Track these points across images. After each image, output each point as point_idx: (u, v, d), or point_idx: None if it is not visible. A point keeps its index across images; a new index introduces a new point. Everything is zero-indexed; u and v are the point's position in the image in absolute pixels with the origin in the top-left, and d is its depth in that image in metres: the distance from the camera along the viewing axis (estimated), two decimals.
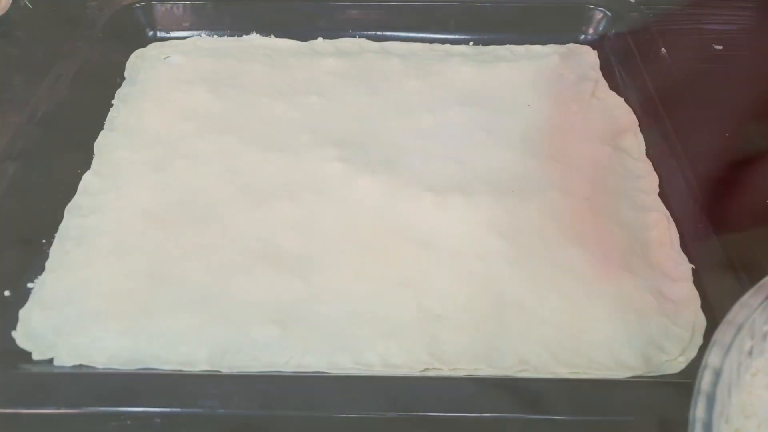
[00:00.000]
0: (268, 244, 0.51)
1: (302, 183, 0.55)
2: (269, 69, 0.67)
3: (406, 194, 0.54)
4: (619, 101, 0.65)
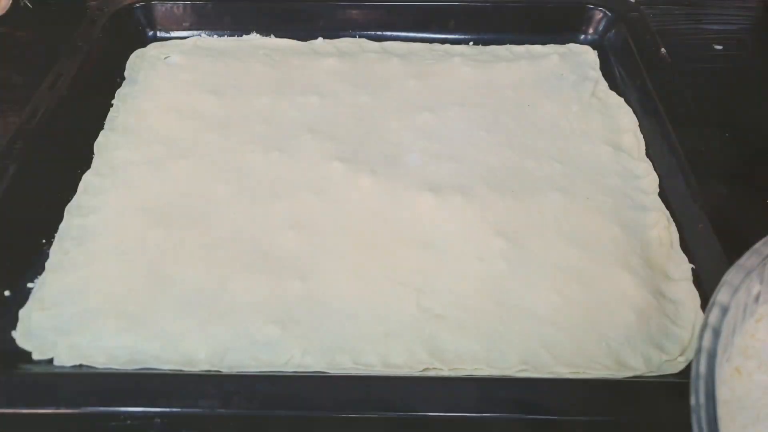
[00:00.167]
0: (268, 244, 0.51)
1: (302, 183, 0.56)
2: (269, 69, 0.67)
3: (406, 194, 0.54)
4: (619, 101, 0.65)
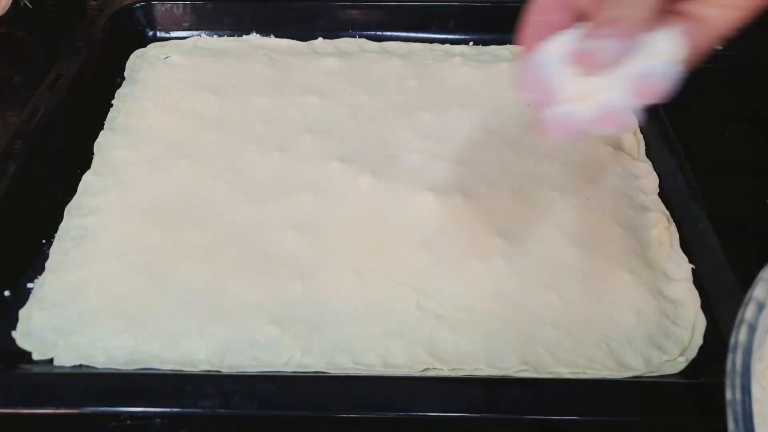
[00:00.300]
0: (268, 244, 0.51)
1: (302, 183, 0.55)
2: (269, 69, 0.67)
3: (406, 194, 0.54)
4: None
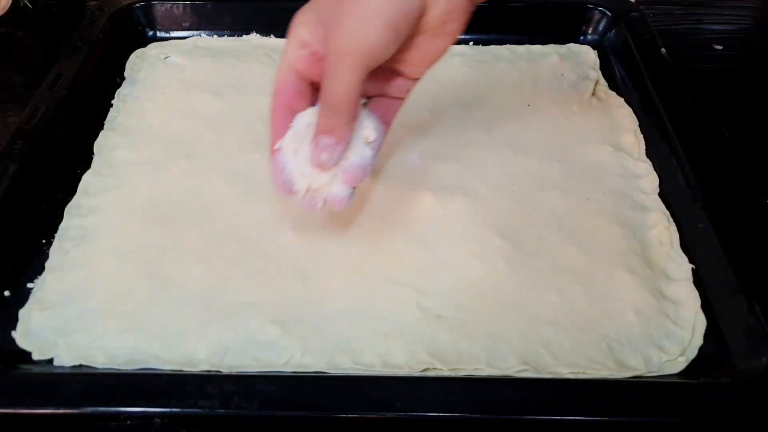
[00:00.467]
0: (268, 244, 0.51)
1: None
2: (269, 69, 0.67)
3: (406, 194, 0.54)
4: (619, 101, 0.65)
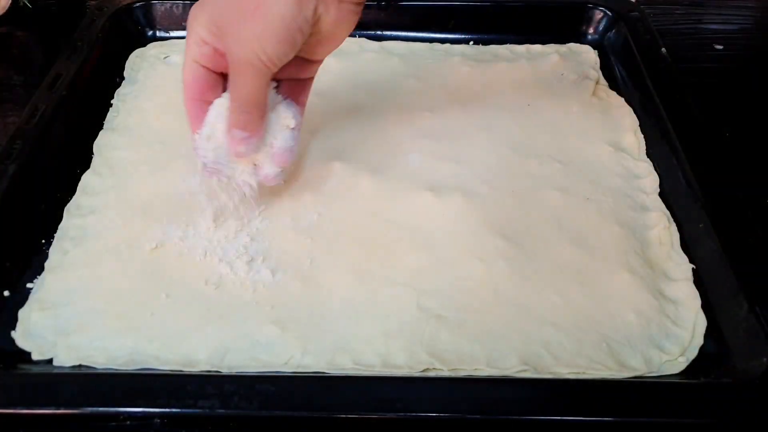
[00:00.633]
0: (268, 244, 0.51)
1: (301, 183, 0.55)
2: None
3: (406, 194, 0.54)
4: (619, 101, 0.65)
